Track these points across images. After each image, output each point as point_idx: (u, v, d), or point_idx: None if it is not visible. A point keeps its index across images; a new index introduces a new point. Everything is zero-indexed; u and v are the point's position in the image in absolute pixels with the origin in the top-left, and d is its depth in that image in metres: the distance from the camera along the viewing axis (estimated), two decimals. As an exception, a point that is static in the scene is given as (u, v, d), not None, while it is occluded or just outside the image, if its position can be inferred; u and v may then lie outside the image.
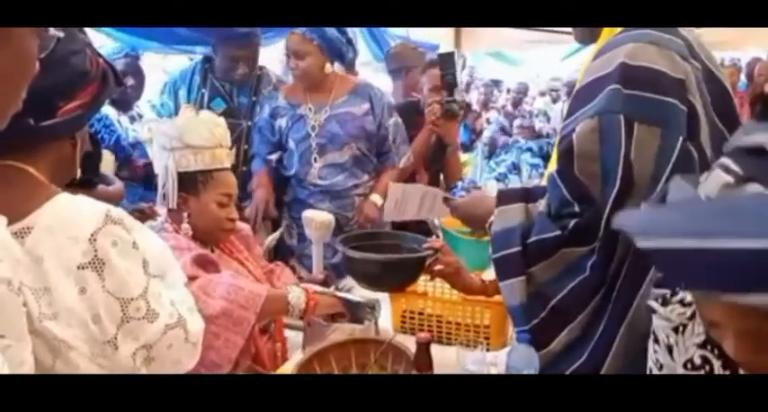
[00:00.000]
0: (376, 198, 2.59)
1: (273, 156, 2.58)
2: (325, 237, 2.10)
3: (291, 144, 2.52)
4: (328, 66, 2.47)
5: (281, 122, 2.52)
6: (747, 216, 0.57)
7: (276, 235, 2.28)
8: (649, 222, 0.65)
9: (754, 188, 0.65)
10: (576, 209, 1.15)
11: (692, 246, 0.56)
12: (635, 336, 1.08)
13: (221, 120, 1.76)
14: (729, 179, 0.69)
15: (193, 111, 1.76)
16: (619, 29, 1.23)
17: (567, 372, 1.16)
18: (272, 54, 3.40)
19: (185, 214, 1.70)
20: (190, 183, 1.69)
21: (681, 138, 1.09)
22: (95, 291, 0.91)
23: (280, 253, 2.58)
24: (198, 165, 1.68)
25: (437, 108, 2.74)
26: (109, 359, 0.94)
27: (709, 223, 0.58)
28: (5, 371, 0.67)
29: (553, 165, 1.23)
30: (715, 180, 0.71)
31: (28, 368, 0.78)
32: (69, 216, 0.92)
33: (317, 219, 2.08)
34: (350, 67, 3.69)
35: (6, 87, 0.74)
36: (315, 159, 2.48)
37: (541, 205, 1.24)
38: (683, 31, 1.20)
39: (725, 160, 0.71)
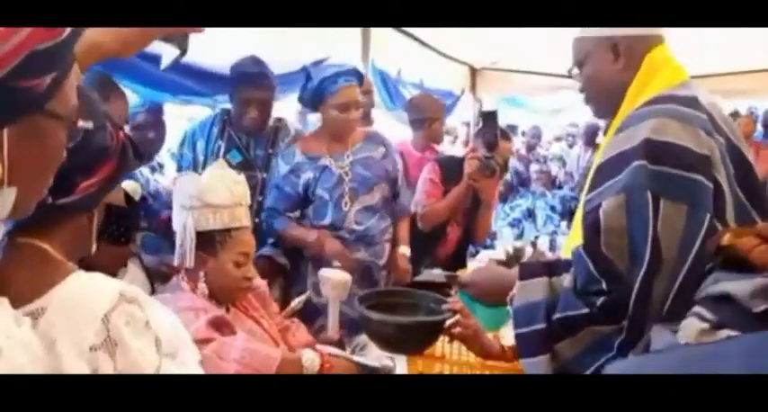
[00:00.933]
0: (404, 249, 2.66)
1: (294, 214, 2.57)
2: (342, 297, 2.07)
3: (323, 193, 2.50)
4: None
5: (307, 176, 2.50)
6: (722, 359, 0.65)
7: (303, 298, 2.24)
8: (637, 370, 0.71)
9: (726, 333, 0.75)
10: (603, 286, 1.13)
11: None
12: None
13: (241, 177, 1.75)
14: (705, 326, 0.78)
15: (224, 167, 1.75)
16: (639, 102, 1.23)
17: None
18: (290, 106, 3.42)
19: (201, 273, 1.68)
20: (208, 242, 1.67)
21: (708, 216, 1.08)
22: (107, 373, 0.88)
23: (307, 312, 2.51)
24: (216, 225, 1.67)
25: (476, 164, 2.78)
26: None
27: (689, 368, 0.65)
28: None
29: (577, 239, 1.21)
30: (692, 327, 0.80)
31: None
32: (83, 296, 0.90)
33: (334, 278, 2.06)
34: (365, 115, 3.73)
35: (35, 178, 0.75)
36: (347, 203, 2.50)
37: (566, 280, 1.21)
38: (706, 104, 1.20)
39: (698, 309, 0.81)
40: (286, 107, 3.13)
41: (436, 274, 1.79)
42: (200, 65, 2.60)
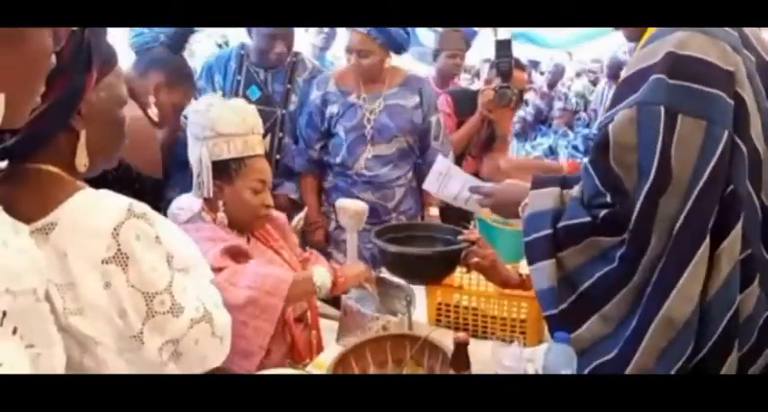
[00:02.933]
0: (434, 211, 2.69)
1: (318, 146, 2.57)
2: (359, 226, 2.09)
3: (341, 131, 2.50)
4: (389, 60, 2.49)
5: (333, 109, 2.50)
6: None
7: (302, 215, 2.28)
8: None
9: None
10: (608, 199, 1.13)
11: None
12: (669, 332, 1.06)
13: (252, 107, 1.77)
14: None
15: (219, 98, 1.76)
16: None
17: (593, 365, 1.15)
18: (305, 38, 3.36)
19: (221, 203, 1.71)
20: (223, 171, 1.70)
21: (726, 132, 1.05)
22: (120, 286, 0.91)
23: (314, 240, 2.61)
24: (231, 154, 1.69)
25: (490, 93, 2.75)
26: (135, 354, 0.95)
27: None
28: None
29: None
30: None
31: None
32: (92, 210, 0.91)
33: (351, 207, 2.07)
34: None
35: (23, 84, 0.73)
36: (364, 150, 2.49)
37: (575, 190, 1.23)
38: None
39: None
40: (300, 39, 3.08)
41: (460, 178, 1.73)
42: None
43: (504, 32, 5.26)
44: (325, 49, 3.99)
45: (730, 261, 1.05)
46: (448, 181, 1.72)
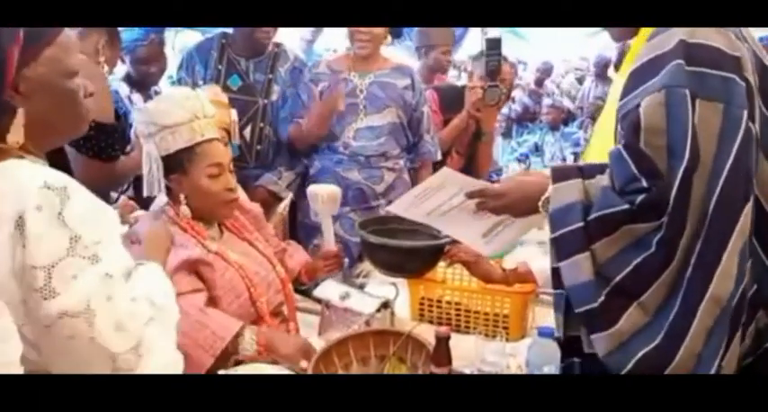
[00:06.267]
0: None
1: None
2: (334, 210, 2.05)
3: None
4: (389, 37, 2.56)
5: (324, 85, 2.52)
6: None
7: (287, 202, 2.23)
8: None
9: None
10: (644, 184, 1.12)
11: None
12: (715, 311, 1.06)
13: (196, 92, 1.72)
14: None
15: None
16: None
17: (638, 357, 1.10)
18: (294, 31, 3.34)
19: (182, 196, 1.64)
20: (177, 164, 1.63)
21: (745, 113, 1.08)
22: (17, 247, 0.88)
23: (303, 231, 2.57)
24: (178, 144, 1.61)
25: (479, 92, 2.74)
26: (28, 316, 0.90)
27: None
28: None
29: (593, 157, 1.18)
30: None
31: (15, 368, 0.76)
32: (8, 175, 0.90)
33: (324, 192, 2.02)
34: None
35: None
36: (355, 119, 2.51)
37: (603, 180, 1.20)
38: None
39: None
40: (288, 32, 3.05)
41: (459, 181, 1.47)
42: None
43: (494, 31, 5.24)
44: (312, 42, 3.98)
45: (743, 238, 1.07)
46: (435, 193, 1.46)
